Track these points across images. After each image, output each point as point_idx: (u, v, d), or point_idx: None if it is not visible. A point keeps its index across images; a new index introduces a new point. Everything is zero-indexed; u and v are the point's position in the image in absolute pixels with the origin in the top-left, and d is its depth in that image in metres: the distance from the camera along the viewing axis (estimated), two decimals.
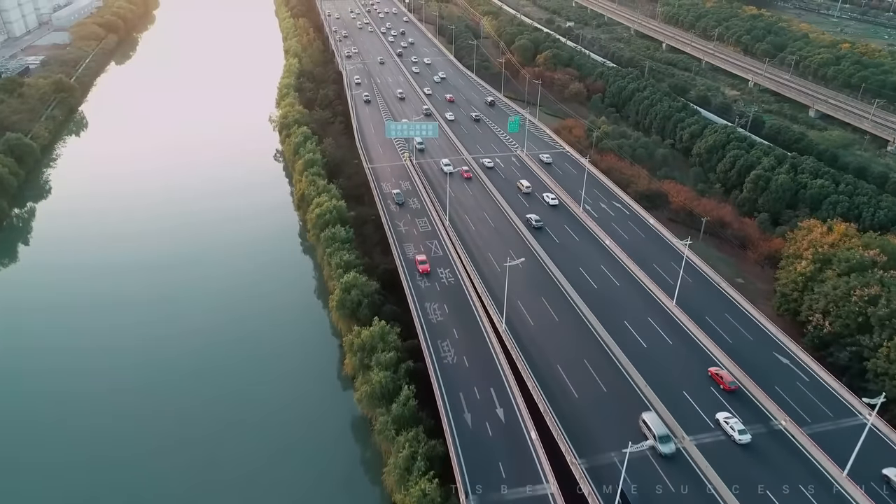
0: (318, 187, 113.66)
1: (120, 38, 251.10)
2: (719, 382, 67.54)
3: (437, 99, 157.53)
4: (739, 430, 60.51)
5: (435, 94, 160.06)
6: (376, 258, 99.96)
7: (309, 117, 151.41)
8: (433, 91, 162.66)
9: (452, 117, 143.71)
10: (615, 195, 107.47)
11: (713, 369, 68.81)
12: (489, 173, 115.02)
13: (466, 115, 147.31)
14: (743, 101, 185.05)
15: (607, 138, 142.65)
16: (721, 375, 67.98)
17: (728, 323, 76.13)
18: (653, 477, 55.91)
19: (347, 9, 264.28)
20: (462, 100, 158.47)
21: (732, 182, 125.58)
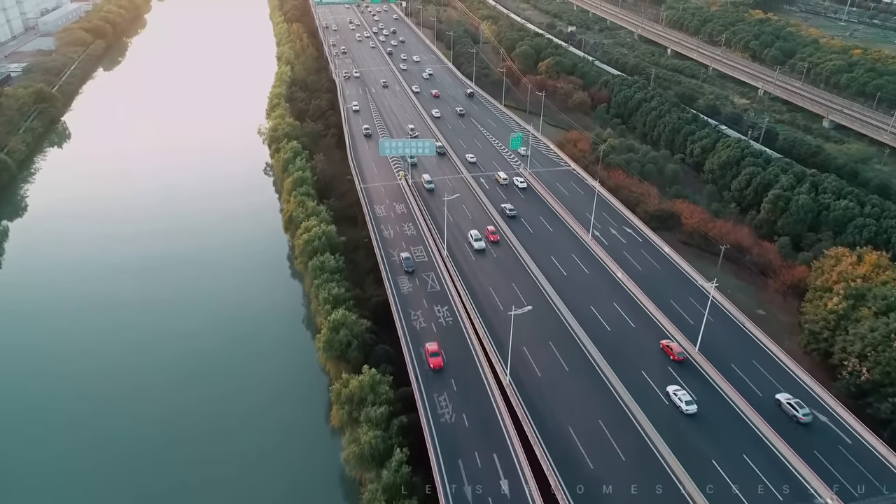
0: (307, 209, 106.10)
1: (108, 44, 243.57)
2: (669, 354, 71.59)
3: (442, 119, 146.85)
4: (686, 401, 64.02)
5: (435, 108, 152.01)
6: (368, 288, 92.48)
7: (300, 130, 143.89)
8: (435, 107, 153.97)
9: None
10: (626, 219, 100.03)
11: (664, 342, 72.71)
12: (490, 193, 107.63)
13: (482, 147, 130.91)
14: (753, 111, 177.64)
15: (614, 153, 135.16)
16: (671, 347, 72.04)
17: (757, 373, 68.66)
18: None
19: (346, 19, 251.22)
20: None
21: (749, 201, 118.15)
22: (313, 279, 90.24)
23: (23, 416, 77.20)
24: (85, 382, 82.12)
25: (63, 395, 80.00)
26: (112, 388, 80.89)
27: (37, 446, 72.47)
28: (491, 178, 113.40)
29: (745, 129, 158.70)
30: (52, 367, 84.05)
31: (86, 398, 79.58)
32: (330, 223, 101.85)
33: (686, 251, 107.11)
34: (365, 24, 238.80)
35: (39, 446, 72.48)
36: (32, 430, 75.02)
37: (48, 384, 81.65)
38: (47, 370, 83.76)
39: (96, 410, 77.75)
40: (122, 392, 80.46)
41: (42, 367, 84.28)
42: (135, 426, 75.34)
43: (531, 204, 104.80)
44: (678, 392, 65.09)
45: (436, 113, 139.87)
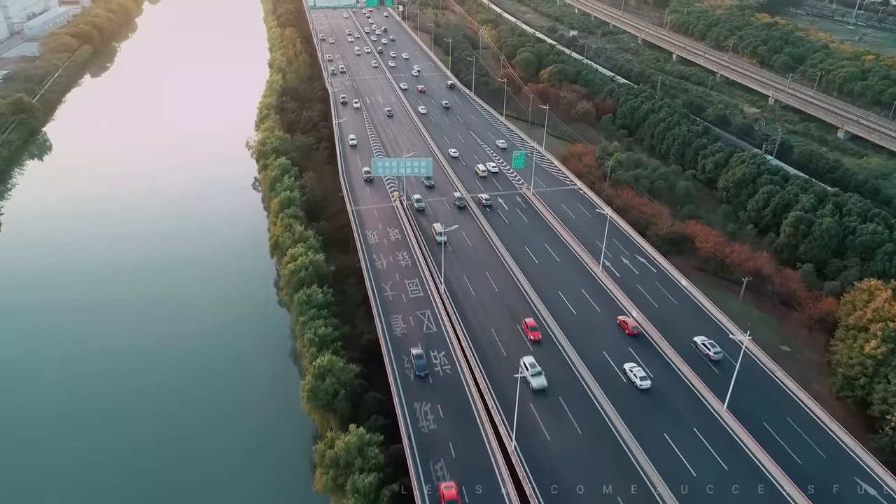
0: (294, 234, 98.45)
1: (95, 49, 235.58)
2: (624, 328, 75.59)
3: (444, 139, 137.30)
4: (641, 376, 67.28)
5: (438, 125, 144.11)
6: (359, 323, 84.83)
7: (290, 144, 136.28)
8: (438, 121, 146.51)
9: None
10: (638, 246, 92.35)
11: (620, 318, 76.47)
12: (489, 215, 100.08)
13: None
14: (764, 121, 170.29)
15: (621, 168, 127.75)
16: (626, 322, 75.86)
17: (792, 432, 61.16)
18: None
19: (346, 31, 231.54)
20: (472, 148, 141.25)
21: (767, 222, 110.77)
22: (299, 315, 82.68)
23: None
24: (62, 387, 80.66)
25: (40, 400, 79.36)
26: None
27: (22, 449, 71.87)
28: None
29: (759, 142, 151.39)
30: (30, 371, 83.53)
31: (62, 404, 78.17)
32: (318, 251, 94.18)
33: (702, 279, 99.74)
34: (365, 38, 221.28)
35: (25, 449, 71.87)
36: (16, 433, 74.14)
37: (28, 388, 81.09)
38: (27, 374, 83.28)
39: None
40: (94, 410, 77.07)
41: (23, 371, 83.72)
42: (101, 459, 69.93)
43: (536, 228, 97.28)
44: (633, 368, 68.46)
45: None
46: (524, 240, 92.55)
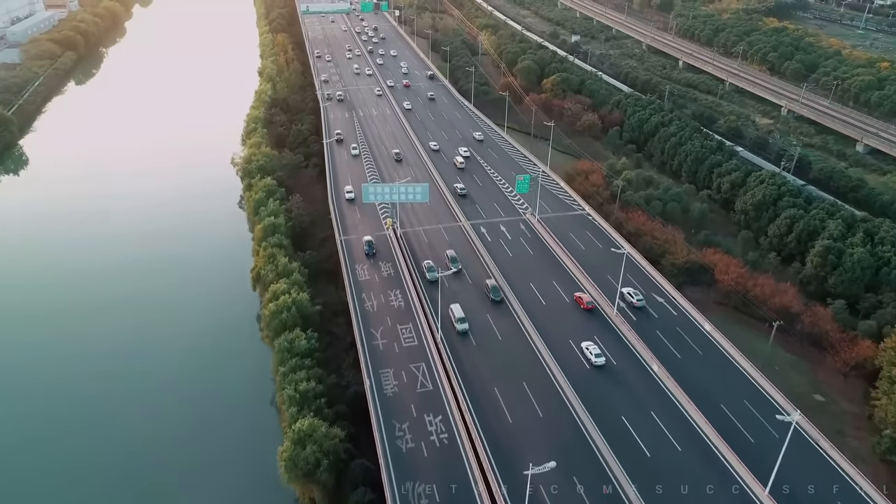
0: (278, 266, 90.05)
1: (80, 55, 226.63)
2: (580, 303, 79.20)
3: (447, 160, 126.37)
4: (596, 353, 70.16)
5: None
6: (347, 372, 76.41)
7: (277, 161, 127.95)
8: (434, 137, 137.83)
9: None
10: (655, 283, 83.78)
11: (577, 294, 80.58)
12: (490, 246, 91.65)
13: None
14: (778, 133, 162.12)
15: (630, 188, 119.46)
16: (581, 298, 79.63)
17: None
18: None
19: (345, 47, 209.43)
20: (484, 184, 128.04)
21: (791, 250, 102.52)
22: (279, 364, 74.28)
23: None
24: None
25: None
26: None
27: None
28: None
29: (775, 157, 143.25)
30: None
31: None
32: (303, 287, 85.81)
33: (723, 314, 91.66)
34: (365, 54, 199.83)
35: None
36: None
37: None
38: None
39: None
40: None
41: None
42: None
43: (542, 260, 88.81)
44: (589, 347, 71.27)
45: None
46: (529, 276, 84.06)
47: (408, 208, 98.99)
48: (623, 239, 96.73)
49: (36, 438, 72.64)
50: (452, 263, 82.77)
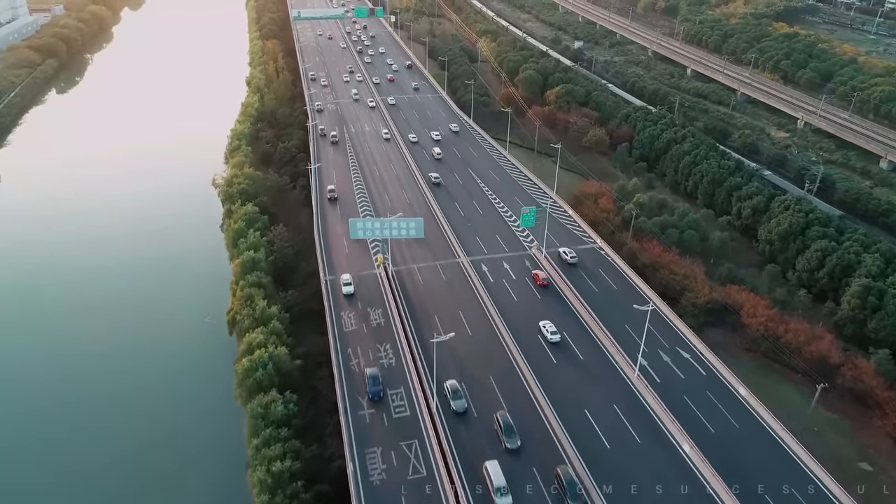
0: (256, 311, 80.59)
1: (61, 63, 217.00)
2: (536, 280, 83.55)
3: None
4: (552, 331, 72.71)
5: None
6: (330, 442, 66.71)
7: (261, 183, 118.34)
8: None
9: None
10: (679, 335, 74.09)
11: (535, 271, 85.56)
12: (493, 291, 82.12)
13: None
14: (796, 148, 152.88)
15: (643, 213, 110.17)
16: (538, 274, 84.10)
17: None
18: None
19: (345, 65, 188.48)
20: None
21: (823, 286, 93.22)
22: (251, 434, 64.86)
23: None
24: None
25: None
26: None
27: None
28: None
29: (795, 176, 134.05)
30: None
31: None
32: (282, 337, 76.52)
33: (751, 362, 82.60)
34: (368, 81, 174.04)
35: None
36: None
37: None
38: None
39: None
40: None
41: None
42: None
43: (550, 306, 79.30)
44: (547, 326, 73.73)
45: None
46: (534, 324, 74.46)
47: (402, 242, 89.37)
48: (637, 275, 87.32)
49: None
50: (454, 399, 63.36)
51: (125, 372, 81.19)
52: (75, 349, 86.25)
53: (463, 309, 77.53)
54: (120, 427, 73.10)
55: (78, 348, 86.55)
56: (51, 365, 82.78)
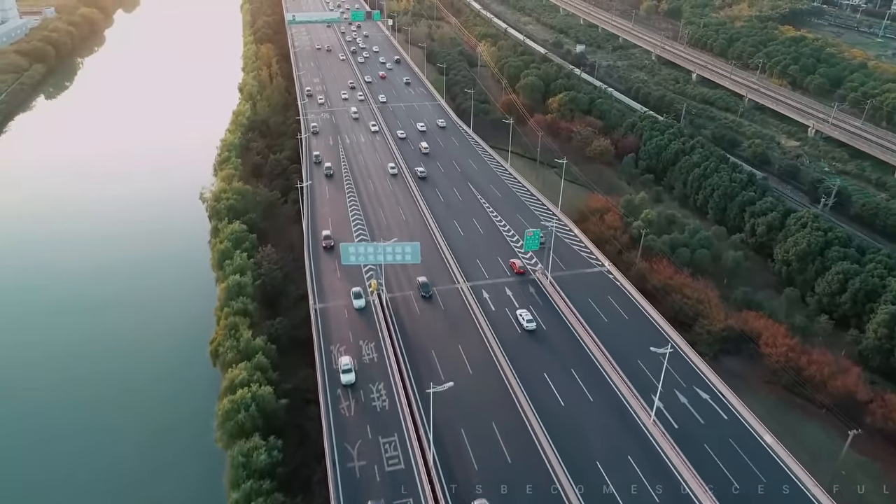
0: (240, 342, 75.08)
1: (50, 68, 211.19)
2: (513, 267, 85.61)
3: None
4: (528, 319, 74.83)
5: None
6: (318, 492, 60.96)
7: (251, 198, 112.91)
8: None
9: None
10: (700, 375, 68.15)
11: (512, 260, 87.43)
12: (493, 318, 76.62)
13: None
14: (807, 157, 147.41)
15: (651, 229, 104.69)
16: (515, 262, 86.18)
17: None
18: None
19: (347, 83, 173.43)
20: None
21: (845, 311, 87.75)
22: (231, 485, 59.32)
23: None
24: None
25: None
26: None
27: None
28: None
29: (809, 188, 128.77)
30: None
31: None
32: (268, 373, 71.03)
33: (772, 396, 77.18)
34: (365, 92, 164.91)
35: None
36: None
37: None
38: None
39: None
40: None
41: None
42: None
43: (557, 340, 73.66)
44: (523, 314, 75.49)
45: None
46: (543, 363, 68.88)
47: (398, 265, 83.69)
48: (648, 299, 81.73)
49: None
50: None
51: (113, 374, 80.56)
52: (58, 352, 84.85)
53: (463, 343, 71.92)
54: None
55: (59, 351, 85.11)
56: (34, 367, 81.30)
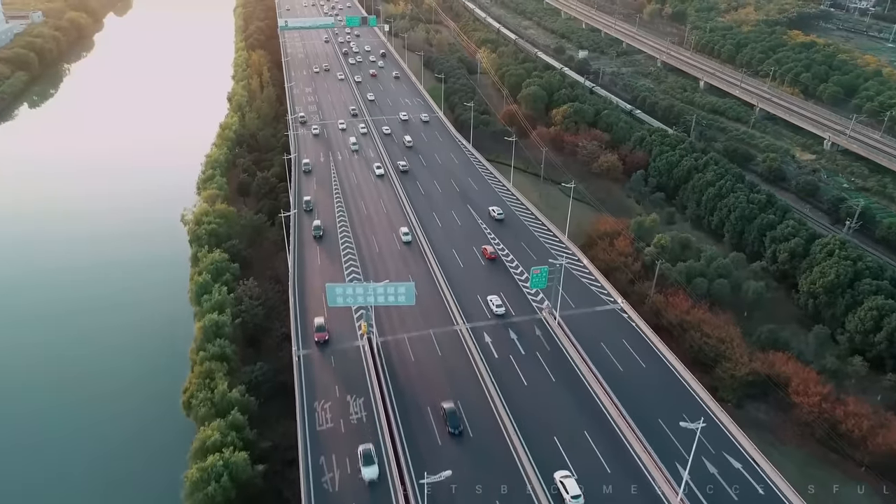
0: (215, 395, 67.55)
1: (33, 76, 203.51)
2: (485, 254, 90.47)
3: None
4: (497, 304, 77.95)
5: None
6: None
7: (235, 222, 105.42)
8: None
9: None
10: (731, 440, 60.15)
11: (484, 246, 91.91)
12: (493, 362, 69.07)
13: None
14: (825, 172, 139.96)
15: (665, 256, 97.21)
16: (486, 249, 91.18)
17: None
18: None
19: (346, 104, 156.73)
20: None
21: (881, 350, 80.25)
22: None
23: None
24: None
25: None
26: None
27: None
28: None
29: (828, 207, 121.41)
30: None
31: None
32: (244, 435, 63.45)
33: (806, 452, 69.64)
34: (368, 117, 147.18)
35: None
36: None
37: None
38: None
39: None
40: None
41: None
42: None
43: (565, 392, 66.03)
44: (493, 299, 77.98)
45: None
46: (551, 422, 61.22)
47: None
48: (665, 344, 74.02)
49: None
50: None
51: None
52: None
53: (462, 396, 64.23)
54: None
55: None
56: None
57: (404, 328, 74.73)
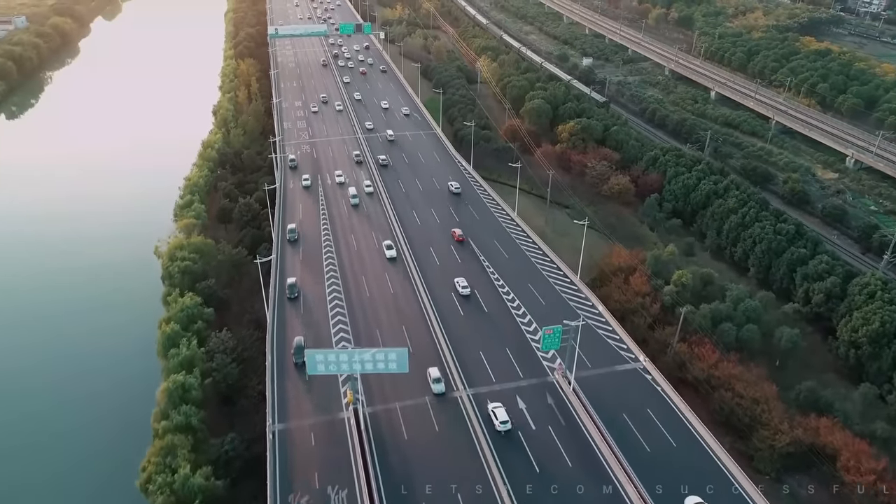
0: (175, 482, 57.94)
1: (11, 85, 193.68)
2: (454, 237, 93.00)
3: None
4: (463, 286, 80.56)
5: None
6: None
7: (212, 256, 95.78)
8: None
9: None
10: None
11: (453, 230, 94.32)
12: (498, 442, 59.62)
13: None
14: (850, 194, 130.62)
15: (686, 294, 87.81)
16: (455, 231, 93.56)
17: None
18: None
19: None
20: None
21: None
22: None
23: None
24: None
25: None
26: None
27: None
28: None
29: (859, 234, 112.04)
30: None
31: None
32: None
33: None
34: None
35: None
36: None
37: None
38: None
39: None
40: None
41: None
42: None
43: (580, 476, 56.58)
44: (459, 280, 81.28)
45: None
46: None
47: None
48: (690, 410, 64.39)
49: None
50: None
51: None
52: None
53: (463, 490, 54.62)
54: None
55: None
56: None
57: (396, 395, 65.03)
